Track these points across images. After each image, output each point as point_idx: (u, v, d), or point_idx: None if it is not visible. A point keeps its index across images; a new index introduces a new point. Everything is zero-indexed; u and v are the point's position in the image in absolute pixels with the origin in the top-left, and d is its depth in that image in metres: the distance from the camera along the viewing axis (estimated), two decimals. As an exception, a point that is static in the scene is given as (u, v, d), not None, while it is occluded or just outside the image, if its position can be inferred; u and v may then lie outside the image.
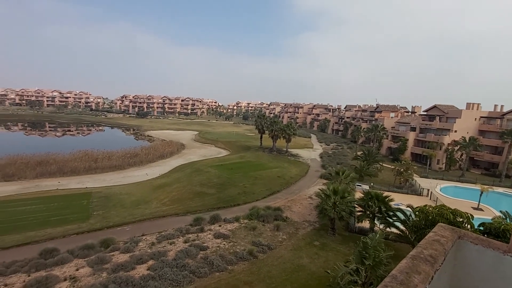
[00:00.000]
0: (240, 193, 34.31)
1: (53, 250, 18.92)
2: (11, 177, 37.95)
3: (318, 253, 20.77)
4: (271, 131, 61.56)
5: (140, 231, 23.47)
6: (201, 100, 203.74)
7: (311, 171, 47.77)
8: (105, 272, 16.84)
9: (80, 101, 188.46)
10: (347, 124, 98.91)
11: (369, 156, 45.25)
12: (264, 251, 20.33)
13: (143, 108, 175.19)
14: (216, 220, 25.57)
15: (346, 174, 32.01)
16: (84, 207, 28.63)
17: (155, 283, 15.58)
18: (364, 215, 23.31)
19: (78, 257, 18.69)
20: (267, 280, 17.02)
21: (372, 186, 36.97)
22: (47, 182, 37.18)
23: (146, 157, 53.35)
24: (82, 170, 43.24)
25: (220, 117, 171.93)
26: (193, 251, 19.38)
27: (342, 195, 23.57)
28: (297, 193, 35.76)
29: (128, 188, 35.83)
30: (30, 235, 22.28)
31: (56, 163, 43.46)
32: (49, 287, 15.36)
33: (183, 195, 33.40)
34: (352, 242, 22.12)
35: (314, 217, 27.29)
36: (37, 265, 17.27)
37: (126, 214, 27.28)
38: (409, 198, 32.87)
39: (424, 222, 18.35)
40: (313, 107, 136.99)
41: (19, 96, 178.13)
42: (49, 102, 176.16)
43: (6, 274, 16.55)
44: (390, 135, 69.12)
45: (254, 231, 23.63)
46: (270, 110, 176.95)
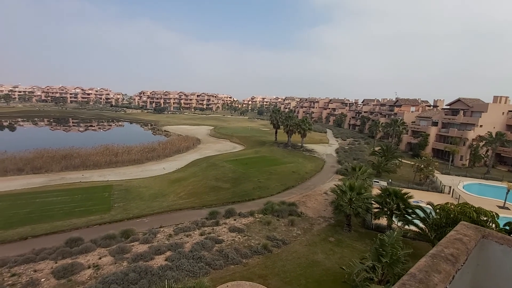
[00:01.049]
0: (255, 188, 34.51)
1: (77, 239, 19.97)
2: (39, 169, 40.19)
3: (333, 249, 20.61)
4: (286, 126, 61.20)
5: (158, 223, 24.26)
6: (216, 96, 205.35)
7: (326, 166, 47.17)
8: (125, 261, 17.59)
9: (101, 97, 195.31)
10: (364, 119, 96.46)
11: (388, 151, 44.01)
12: (279, 246, 20.43)
13: (160, 103, 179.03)
14: (231, 214, 25.92)
15: (363, 170, 31.35)
16: (105, 199, 29.88)
17: (172, 273, 16.09)
18: (382, 212, 22.82)
19: (100, 246, 19.61)
20: (282, 274, 17.13)
21: (390, 183, 36.03)
22: (71, 175, 39.07)
23: (163, 151, 54.67)
24: (104, 163, 45.03)
25: (235, 112, 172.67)
26: (209, 244, 19.80)
27: (358, 191, 23.14)
28: (312, 188, 35.50)
29: (147, 181, 36.97)
30: (57, 225, 23.60)
31: (79, 157, 45.54)
32: (75, 274, 16.28)
33: (199, 189, 34.05)
34: (369, 239, 21.75)
35: (330, 213, 27.03)
36: (63, 253, 18.32)
37: (145, 207, 28.22)
38: (430, 196, 31.76)
39: (445, 220, 17.73)
40: (329, 102, 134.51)
41: (44, 93, 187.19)
42: (72, 98, 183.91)
43: (36, 260, 17.67)
44: (410, 130, 66.77)
45: (268, 226, 23.77)
46: (285, 105, 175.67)
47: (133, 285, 15.04)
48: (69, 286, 15.29)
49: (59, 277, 15.88)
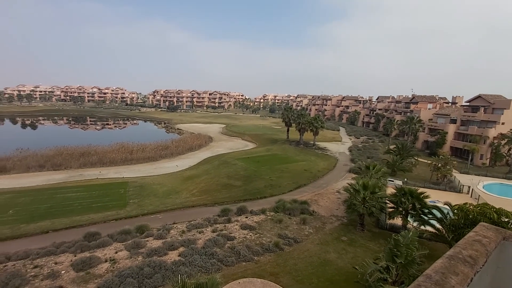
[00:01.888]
0: (267, 185, 34.53)
1: (95, 233, 20.69)
2: (59, 166, 41.83)
3: (346, 248, 20.37)
4: (298, 124, 60.75)
5: (171, 219, 24.74)
6: (228, 94, 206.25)
7: (339, 165, 46.54)
8: (140, 256, 18.08)
9: (117, 96, 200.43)
10: (379, 116, 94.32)
11: (403, 150, 42.90)
12: (290, 244, 20.40)
13: (173, 102, 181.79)
14: (242, 211, 26.08)
15: (377, 168, 30.71)
16: (121, 195, 30.75)
17: (185, 269, 16.41)
18: (396, 211, 22.32)
19: (117, 241, 20.23)
20: (293, 272, 17.10)
21: (405, 182, 35.14)
22: (89, 172, 40.43)
23: (176, 149, 55.58)
24: (119, 161, 46.30)
25: (247, 110, 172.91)
26: (221, 241, 20.03)
27: (372, 190, 22.70)
28: (324, 187, 35.15)
29: (160, 178, 37.72)
30: (76, 219, 24.52)
31: (96, 154, 47.03)
32: (92, 267, 16.89)
33: (211, 187, 34.43)
34: (383, 239, 21.34)
35: (342, 212, 26.69)
36: (82, 246, 19.03)
37: (159, 203, 28.83)
38: (447, 195, 30.74)
39: (464, 221, 17.14)
40: (342, 99, 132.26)
41: (64, 92, 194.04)
42: (90, 97, 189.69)
43: (56, 253, 18.46)
44: (427, 127, 64.76)
45: (280, 224, 23.76)
46: (297, 103, 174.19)
47: (148, 280, 15.44)
48: (87, 278, 15.88)
49: (78, 270, 16.53)
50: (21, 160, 42.32)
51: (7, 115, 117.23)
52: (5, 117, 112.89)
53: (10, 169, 39.35)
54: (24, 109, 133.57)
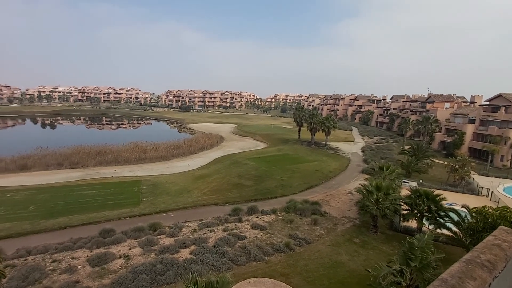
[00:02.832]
0: (278, 185, 34.44)
1: (110, 230, 21.27)
2: (76, 164, 43.26)
3: (358, 250, 20.03)
4: (309, 123, 60.26)
5: (183, 217, 25.09)
6: (239, 94, 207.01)
7: (351, 165, 45.82)
8: (153, 253, 18.44)
9: (131, 96, 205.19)
10: (393, 116, 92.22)
11: (418, 150, 41.74)
12: (301, 245, 20.26)
13: (186, 102, 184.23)
14: (253, 211, 26.12)
15: (391, 169, 30.02)
16: (135, 193, 31.46)
17: (197, 267, 16.61)
18: (411, 214, 21.75)
19: (130, 238, 20.71)
20: (304, 273, 16.99)
21: (421, 183, 34.20)
22: (104, 170, 41.57)
23: (188, 149, 56.29)
24: (133, 160, 47.36)
25: (258, 110, 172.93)
26: (232, 240, 20.14)
27: (386, 191, 22.23)
28: (336, 187, 34.70)
29: (173, 177, 38.33)
30: (92, 216, 25.28)
31: (112, 153, 48.31)
32: (107, 262, 17.37)
33: (222, 186, 34.67)
34: (396, 241, 20.87)
35: (355, 214, 26.27)
36: (97, 242, 19.61)
37: (171, 202, 29.30)
38: (465, 198, 29.70)
39: (482, 225, 16.51)
40: (355, 98, 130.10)
41: (81, 93, 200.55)
42: (105, 98, 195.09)
43: (73, 248, 19.11)
44: (444, 127, 62.75)
45: (291, 224, 23.65)
46: (309, 103, 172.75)
47: (160, 276, 15.73)
48: (102, 274, 16.35)
49: (94, 265, 17.04)
50: (41, 158, 44.05)
51: (28, 115, 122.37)
52: (26, 117, 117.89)
53: (30, 167, 41.03)
54: (44, 109, 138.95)
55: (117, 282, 15.25)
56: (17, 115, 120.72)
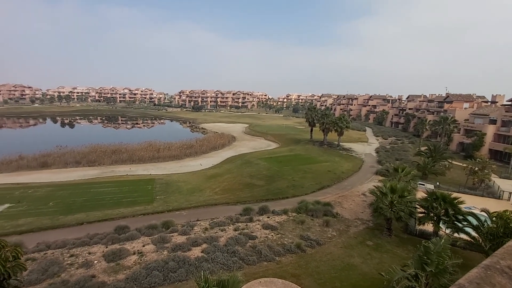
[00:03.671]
0: (289, 186, 34.27)
1: (124, 227, 21.82)
2: (93, 163, 44.68)
3: (371, 253, 19.64)
4: (322, 124, 59.60)
5: (195, 216, 25.41)
6: (251, 93, 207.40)
7: (365, 166, 44.97)
8: (166, 251, 18.78)
9: (146, 97, 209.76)
10: (409, 116, 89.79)
11: (435, 152, 40.44)
12: (313, 246, 20.08)
13: (198, 102, 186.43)
14: (264, 211, 26.11)
15: (406, 171, 29.23)
16: (149, 191, 32.13)
17: (208, 265, 16.79)
18: (427, 217, 21.10)
19: (144, 235, 21.18)
20: (315, 275, 16.82)
21: (438, 186, 33.13)
22: (120, 168, 42.70)
23: (200, 148, 56.96)
24: (147, 158, 48.41)
25: (270, 110, 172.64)
26: (243, 239, 20.21)
27: (401, 193, 21.68)
28: (349, 189, 34.16)
29: (185, 176, 38.88)
30: (107, 213, 26.03)
31: (127, 152, 49.58)
32: (122, 258, 17.84)
33: (233, 186, 34.85)
34: (411, 245, 20.30)
35: (368, 216, 25.77)
36: (112, 238, 20.17)
37: (183, 200, 29.74)
38: (485, 202, 28.50)
39: (503, 230, 15.81)
40: (369, 98, 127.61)
41: (98, 93, 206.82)
42: (121, 98, 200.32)
43: (90, 244, 19.74)
44: (463, 128, 60.49)
45: (302, 225, 23.47)
46: (322, 102, 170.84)
47: (173, 273, 16.00)
48: (117, 269, 16.80)
49: (109, 261, 17.55)
50: (60, 156, 45.77)
51: (48, 114, 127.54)
52: (47, 117, 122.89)
53: (51, 164, 42.74)
54: (63, 109, 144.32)
55: (131, 277, 15.63)
56: (38, 114, 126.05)
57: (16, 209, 26.71)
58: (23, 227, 22.92)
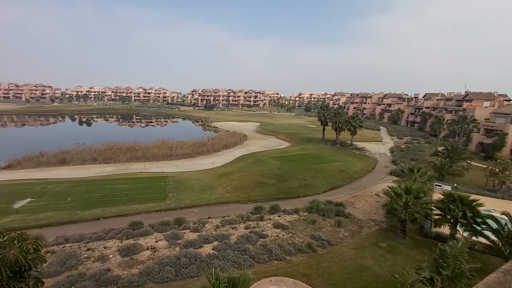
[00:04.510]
0: (300, 185, 34.05)
1: (138, 223, 22.37)
2: (109, 160, 45.97)
3: (385, 255, 19.24)
4: (334, 122, 58.80)
5: (206, 214, 25.71)
6: (263, 92, 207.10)
7: (379, 166, 44.04)
8: (178, 247, 19.10)
9: (159, 96, 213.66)
10: (425, 115, 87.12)
11: (453, 152, 39.07)
12: (324, 246, 19.89)
13: (210, 101, 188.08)
14: (275, 210, 26.07)
15: (422, 171, 28.43)
16: (162, 188, 32.75)
17: (219, 262, 16.95)
18: (444, 219, 20.44)
19: (157, 231, 21.62)
20: (326, 275, 16.66)
21: (455, 187, 32.02)
22: (134, 166, 43.74)
23: (212, 146, 57.45)
24: (161, 156, 49.34)
25: (282, 109, 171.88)
26: (253, 238, 20.27)
27: (416, 194, 21.11)
28: (361, 189, 33.57)
29: (197, 174, 39.36)
30: (122, 209, 26.74)
31: (141, 150, 50.72)
32: (136, 253, 18.29)
33: (244, 184, 34.97)
34: (427, 248, 19.76)
35: (381, 217, 25.26)
36: (127, 234, 20.71)
37: (195, 198, 30.13)
38: (506, 204, 27.30)
39: (526, 235, 15.08)
40: (384, 97, 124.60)
41: (114, 92, 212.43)
42: (136, 97, 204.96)
43: (106, 238, 20.35)
44: (483, 128, 58.11)
45: (313, 225, 23.29)
46: (334, 101, 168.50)
47: (184, 269, 16.27)
48: (131, 264, 17.25)
49: (124, 255, 18.04)
50: (78, 153, 47.38)
51: (67, 113, 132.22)
52: (65, 115, 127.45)
53: (69, 161, 44.32)
54: (81, 108, 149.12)
55: (145, 272, 16.02)
56: (57, 113, 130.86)
57: (37, 203, 27.89)
58: (43, 221, 23.92)
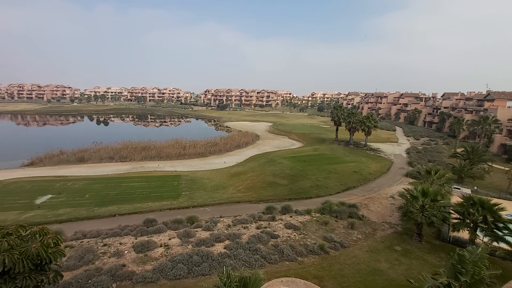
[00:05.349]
0: (313, 186, 33.72)
1: (152, 220, 22.86)
2: (125, 158, 47.24)
3: (399, 259, 18.75)
4: (348, 123, 57.83)
5: (218, 213, 25.93)
6: (275, 92, 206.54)
7: (394, 168, 42.96)
8: (190, 245, 19.37)
9: (173, 96, 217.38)
10: (444, 115, 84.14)
11: (474, 154, 37.54)
12: (336, 248, 19.61)
13: (223, 100, 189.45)
14: (287, 210, 25.94)
15: (440, 173, 27.48)
16: (175, 187, 33.32)
17: (230, 261, 17.06)
18: (462, 223, 19.70)
19: (170, 228, 22.01)
20: (339, 278, 16.42)
21: (475, 190, 30.78)
22: (149, 164, 44.73)
23: (224, 146, 57.84)
24: (174, 155, 50.19)
25: (294, 109, 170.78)
26: (265, 238, 20.26)
27: (433, 197, 20.44)
28: (376, 191, 32.85)
29: (209, 173, 39.76)
30: (137, 206, 27.41)
31: (155, 149, 51.82)
32: (150, 250, 18.70)
33: (256, 184, 35.01)
34: (444, 253, 19.10)
35: (396, 220, 24.64)
36: (141, 231, 21.21)
37: (207, 197, 30.45)
38: (531, 210, 25.94)
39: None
40: (400, 96, 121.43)
41: (130, 93, 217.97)
42: (150, 97, 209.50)
43: (121, 235, 20.92)
44: (506, 128, 55.48)
45: (326, 226, 23.01)
46: (348, 101, 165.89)
47: (196, 267, 16.49)
48: (145, 260, 17.66)
49: (138, 251, 18.49)
50: (96, 152, 48.97)
51: (86, 113, 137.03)
52: (84, 115, 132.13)
53: (87, 159, 45.88)
54: (98, 107, 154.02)
55: (158, 268, 16.35)
56: (76, 113, 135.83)
57: (57, 199, 29.05)
58: (62, 217, 24.89)
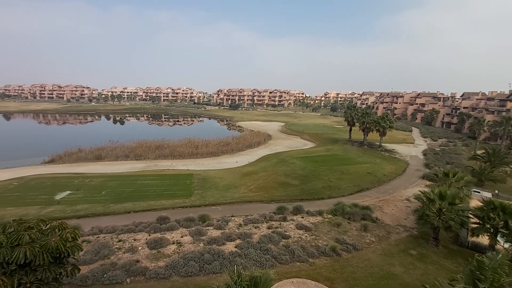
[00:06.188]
0: (325, 186, 33.32)
1: (165, 218, 23.31)
2: (139, 157, 48.40)
3: (415, 263, 18.23)
4: (362, 123, 56.75)
5: (230, 212, 26.09)
6: (288, 92, 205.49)
7: (410, 169, 41.79)
8: (202, 243, 19.61)
9: (186, 96, 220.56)
10: (463, 116, 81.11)
11: (495, 156, 35.98)
12: (349, 250, 19.31)
13: (235, 100, 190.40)
14: (299, 211, 25.77)
15: (458, 176, 26.50)
16: (187, 186, 33.80)
17: (241, 260, 17.13)
18: (482, 228, 18.93)
19: (182, 226, 22.36)
20: (351, 281, 16.16)
21: (496, 194, 29.48)
22: (162, 163, 45.60)
23: (237, 146, 58.11)
24: (187, 154, 50.93)
25: (307, 109, 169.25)
26: (276, 238, 20.21)
27: (451, 201, 19.75)
28: (390, 193, 32.08)
29: (221, 173, 40.06)
30: (151, 204, 28.00)
31: (168, 148, 52.77)
32: (163, 247, 19.07)
33: (268, 184, 34.96)
34: (462, 258, 18.42)
35: (412, 223, 23.95)
36: (155, 228, 21.67)
37: (219, 196, 30.69)
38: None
39: None
40: (417, 96, 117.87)
41: (145, 93, 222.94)
42: (165, 97, 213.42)
43: (135, 231, 21.45)
44: (531, 130, 52.78)
45: (338, 228, 22.69)
46: (362, 101, 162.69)
47: (208, 265, 16.67)
48: (158, 256, 18.02)
49: (151, 248, 18.90)
50: (112, 150, 50.43)
51: (103, 112, 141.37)
52: (101, 114, 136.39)
53: (104, 157, 47.35)
54: (115, 107, 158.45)
55: (170, 265, 16.66)
56: (94, 112, 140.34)
57: (75, 196, 30.12)
58: (80, 212, 25.79)
